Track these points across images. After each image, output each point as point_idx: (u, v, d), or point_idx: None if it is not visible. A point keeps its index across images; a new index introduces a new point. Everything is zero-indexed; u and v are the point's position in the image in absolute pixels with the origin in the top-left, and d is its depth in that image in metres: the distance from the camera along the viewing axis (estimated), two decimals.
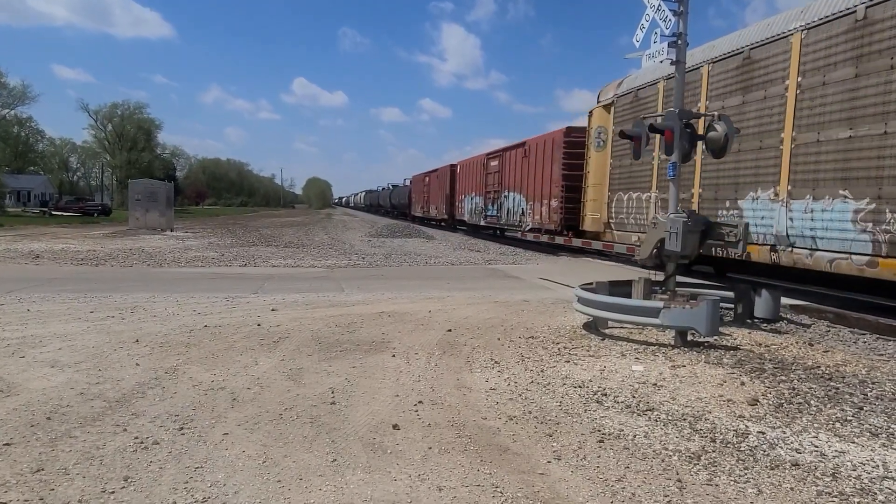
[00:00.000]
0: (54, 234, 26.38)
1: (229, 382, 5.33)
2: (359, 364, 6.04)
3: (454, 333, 7.49)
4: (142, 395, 4.91)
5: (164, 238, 25.52)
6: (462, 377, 5.69)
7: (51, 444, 3.93)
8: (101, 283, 11.40)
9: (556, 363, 6.20)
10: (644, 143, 8.17)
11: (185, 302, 9.32)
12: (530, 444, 4.15)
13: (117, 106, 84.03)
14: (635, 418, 4.68)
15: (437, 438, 4.21)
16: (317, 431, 4.29)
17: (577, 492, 3.48)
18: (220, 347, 6.53)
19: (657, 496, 3.44)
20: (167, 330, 7.31)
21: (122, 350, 6.31)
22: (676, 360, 6.28)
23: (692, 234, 7.56)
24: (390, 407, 4.83)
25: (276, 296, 10.16)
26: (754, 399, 5.09)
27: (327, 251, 20.49)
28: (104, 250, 18.59)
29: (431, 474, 3.66)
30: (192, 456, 3.81)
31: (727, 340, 7.20)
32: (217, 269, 14.46)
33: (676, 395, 5.22)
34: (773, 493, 3.51)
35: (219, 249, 20.16)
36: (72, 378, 5.32)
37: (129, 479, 3.47)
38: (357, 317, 8.41)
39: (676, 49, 7.89)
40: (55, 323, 7.55)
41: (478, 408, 4.86)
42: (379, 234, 30.30)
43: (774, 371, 5.98)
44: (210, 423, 4.38)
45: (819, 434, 4.42)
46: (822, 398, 5.20)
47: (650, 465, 3.85)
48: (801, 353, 6.80)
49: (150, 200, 30.66)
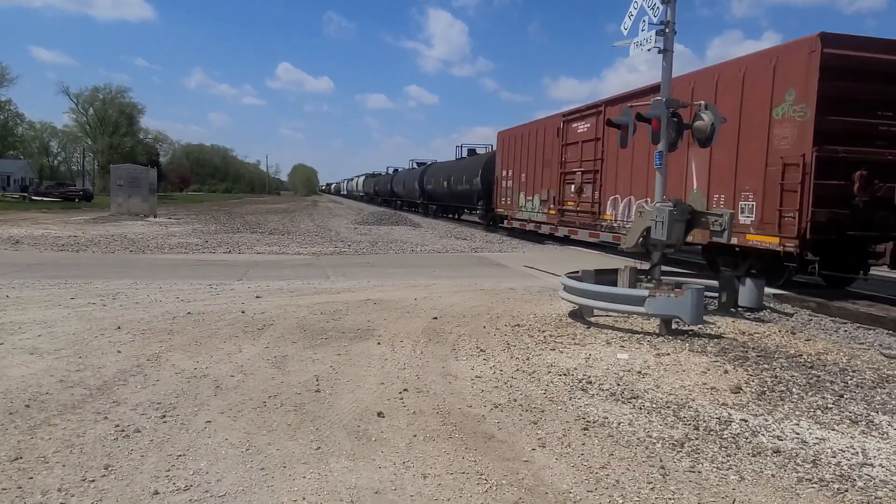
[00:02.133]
0: (34, 220, 25.97)
1: (213, 370, 5.28)
2: (344, 352, 6.01)
3: (440, 321, 7.48)
4: (123, 383, 4.85)
5: (146, 224, 25.23)
6: (447, 365, 5.69)
7: (30, 431, 3.87)
8: (83, 269, 11.24)
9: (541, 351, 6.21)
10: (631, 131, 8.16)
11: (168, 289, 9.22)
12: (515, 432, 4.16)
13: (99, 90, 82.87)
14: (620, 406, 4.70)
15: (422, 426, 4.21)
16: (301, 419, 4.26)
17: (562, 479, 3.49)
18: (203, 335, 6.47)
19: (640, 483, 3.46)
20: (149, 317, 7.22)
21: (103, 337, 6.23)
22: (661, 349, 6.32)
23: (678, 222, 7.59)
24: (375, 395, 4.82)
25: (261, 283, 10.08)
26: (737, 387, 5.14)
27: (313, 238, 20.37)
28: (86, 236, 18.33)
29: (416, 462, 3.66)
30: (174, 444, 3.77)
31: (711, 329, 7.25)
32: (201, 256, 14.31)
33: (660, 383, 5.25)
34: (754, 480, 3.54)
35: (203, 236, 19.96)
36: (52, 365, 5.24)
37: (109, 467, 3.43)
38: (342, 304, 8.37)
39: (664, 37, 7.87)
40: (35, 309, 7.43)
41: (463, 395, 4.86)
42: (365, 221, 30.20)
43: (757, 359, 6.04)
44: (193, 410, 4.33)
45: (800, 421, 4.47)
46: (803, 386, 5.26)
47: (634, 453, 3.87)
48: (783, 341, 6.87)
49: (133, 186, 30.26)
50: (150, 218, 28.75)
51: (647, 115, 7.87)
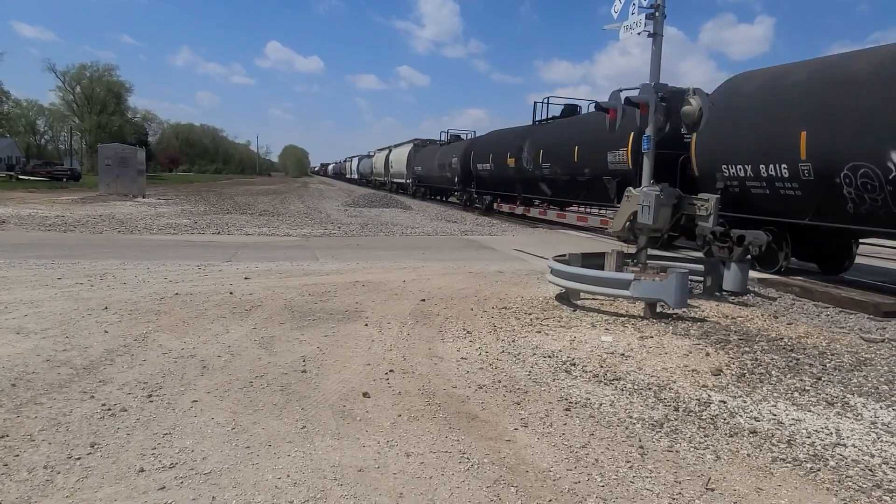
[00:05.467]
0: (21, 199, 25.72)
1: (199, 350, 5.31)
2: (331, 333, 6.05)
3: (427, 303, 7.53)
4: (110, 363, 4.87)
5: (135, 204, 25.04)
6: (434, 347, 5.74)
7: (16, 410, 3.89)
8: (70, 249, 11.18)
9: (527, 333, 6.28)
10: (620, 115, 8.18)
11: (155, 269, 9.20)
12: (498, 412, 4.22)
13: (86, 67, 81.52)
14: (602, 387, 4.78)
15: (407, 406, 4.26)
16: (287, 399, 4.30)
17: (542, 458, 3.56)
18: (190, 315, 6.49)
19: (619, 462, 3.53)
20: (137, 297, 7.22)
21: (90, 317, 6.23)
22: (645, 332, 6.40)
23: (664, 207, 7.65)
24: (361, 375, 4.86)
25: (250, 264, 10.08)
26: (718, 369, 5.23)
27: (303, 220, 20.31)
28: (73, 216, 18.19)
29: (400, 441, 3.71)
30: (160, 423, 3.80)
31: (695, 312, 7.34)
32: (190, 237, 14.26)
33: (643, 366, 5.33)
34: (730, 460, 3.63)
35: (192, 217, 19.86)
36: (38, 345, 5.25)
37: (95, 445, 3.46)
38: (331, 286, 8.39)
39: (654, 21, 7.87)
40: (21, 289, 7.41)
41: (448, 377, 4.91)
42: (355, 203, 30.12)
43: (739, 342, 6.13)
44: (179, 390, 4.37)
45: (778, 403, 4.57)
46: (782, 369, 5.35)
47: (614, 433, 3.94)
48: (765, 325, 6.97)
49: (121, 166, 29.95)
50: (138, 198, 28.52)
51: (636, 100, 7.89)
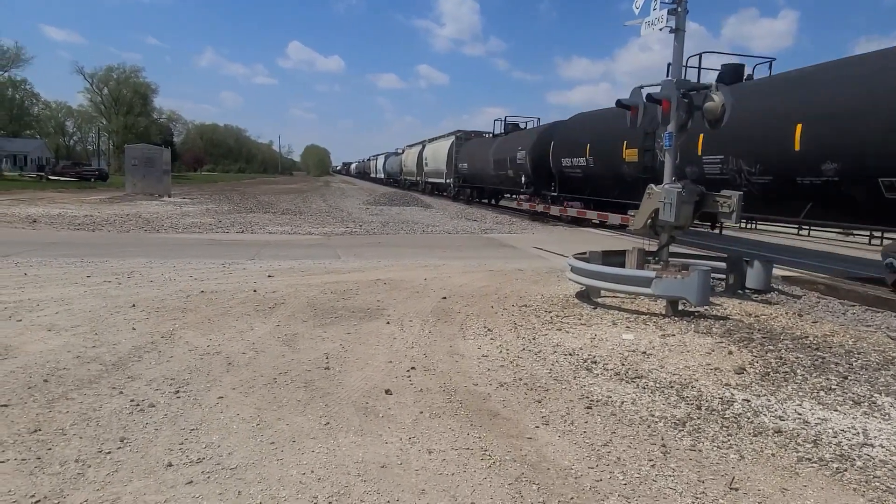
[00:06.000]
0: (51, 199, 26.27)
1: (225, 347, 5.40)
2: (353, 330, 6.11)
3: (448, 301, 7.56)
4: (138, 359, 4.98)
5: (161, 204, 25.44)
6: (455, 344, 5.77)
7: (48, 405, 4.00)
8: (98, 248, 11.42)
9: (547, 331, 6.27)
10: (641, 112, 8.12)
11: (181, 268, 9.36)
12: (519, 410, 4.24)
13: (113, 69, 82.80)
14: (623, 385, 4.76)
15: (429, 403, 4.29)
16: (311, 395, 4.36)
17: (564, 456, 3.57)
18: (216, 313, 6.59)
19: (641, 460, 3.53)
20: (164, 295, 7.36)
21: (118, 314, 6.37)
22: (666, 330, 6.36)
23: (686, 204, 7.58)
24: (383, 372, 4.91)
25: (273, 262, 10.19)
26: (741, 368, 5.18)
27: (324, 219, 20.46)
28: (101, 215, 18.54)
29: (422, 437, 3.75)
30: (187, 418, 3.88)
31: (717, 310, 7.27)
32: (214, 236, 14.46)
33: (665, 364, 5.30)
34: (754, 459, 3.60)
35: (216, 216, 20.12)
36: (69, 341, 5.38)
37: (125, 439, 3.55)
38: (353, 284, 8.46)
39: (676, 16, 7.79)
40: (52, 287, 7.59)
41: (469, 374, 4.94)
42: (377, 202, 30.26)
43: (763, 341, 6.06)
44: (205, 386, 4.45)
45: (803, 402, 4.51)
46: (808, 367, 5.29)
47: (636, 431, 3.93)
48: (790, 323, 6.88)
49: (148, 166, 30.41)
50: (164, 198, 28.96)
51: (658, 97, 7.82)
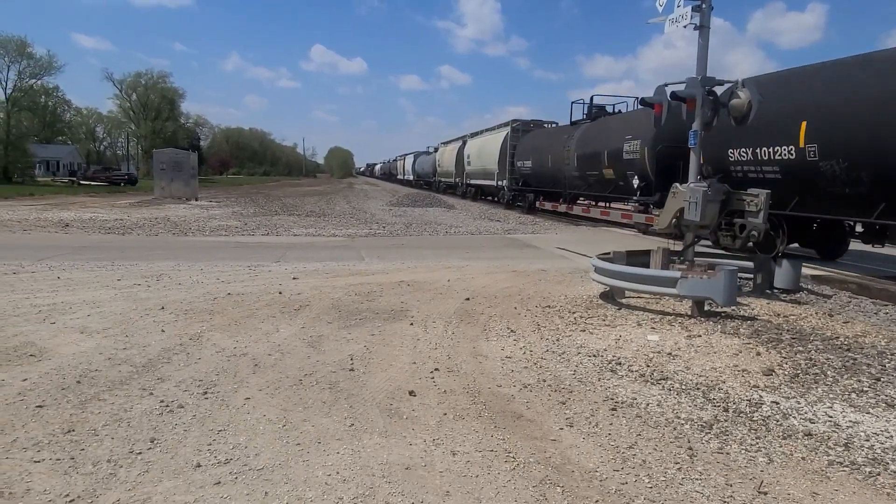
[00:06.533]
0: (83, 204, 26.85)
1: (251, 349, 5.47)
2: (377, 332, 6.15)
3: (472, 302, 7.56)
4: (167, 361, 5.07)
5: (188, 207, 25.84)
6: (478, 345, 5.77)
7: (81, 406, 4.09)
8: (128, 251, 11.64)
9: (571, 332, 6.24)
10: (665, 110, 8.03)
11: (208, 270, 9.50)
12: (543, 412, 4.22)
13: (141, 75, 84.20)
14: (649, 387, 4.72)
15: (452, 405, 4.30)
16: (335, 397, 4.40)
17: (588, 458, 3.55)
18: (242, 315, 6.68)
19: (667, 463, 3.49)
20: (192, 297, 7.48)
21: (148, 317, 6.49)
22: (692, 330, 6.28)
23: (712, 203, 7.48)
24: (407, 374, 4.93)
25: (298, 264, 10.30)
26: (770, 369, 5.09)
27: (348, 220, 20.61)
28: (131, 219, 18.91)
29: (446, 439, 3.76)
30: (215, 419, 3.95)
31: (745, 311, 7.16)
32: (240, 238, 14.65)
33: (691, 365, 5.24)
34: (783, 463, 3.54)
35: (242, 219, 20.38)
36: (100, 343, 5.50)
37: (155, 440, 3.62)
38: (376, 285, 8.51)
39: (700, 13, 7.69)
40: (84, 290, 7.76)
41: (493, 375, 4.94)
42: (400, 203, 30.38)
43: (792, 341, 5.96)
44: (232, 387, 4.52)
45: (834, 404, 4.43)
46: (839, 369, 5.18)
47: (662, 433, 3.90)
48: (820, 323, 6.75)
49: (175, 170, 30.94)
50: (191, 201, 29.41)
51: (683, 95, 7.73)
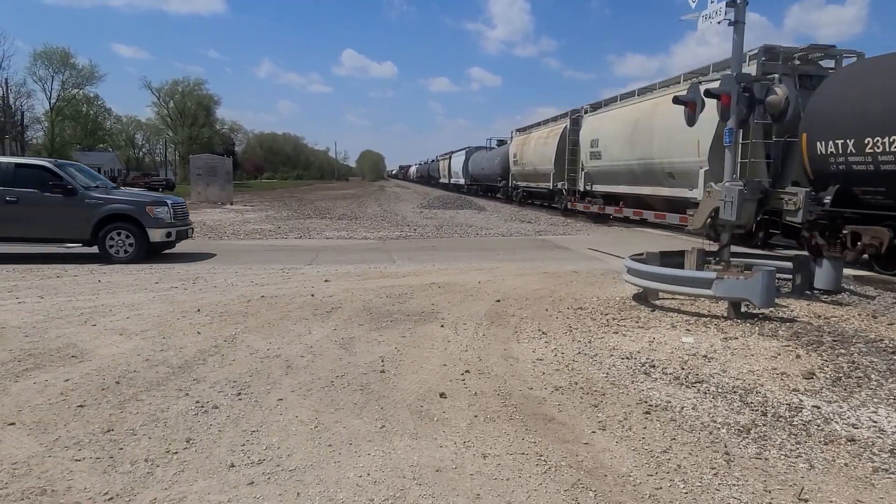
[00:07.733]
0: None
1: (284, 350, 5.54)
2: (408, 334, 6.16)
3: (502, 304, 7.53)
4: (202, 362, 5.16)
5: (224, 211, 26.33)
6: (509, 347, 5.74)
7: (120, 406, 4.19)
8: (165, 254, 11.91)
9: (604, 334, 6.17)
10: (699, 108, 7.89)
11: (243, 273, 9.66)
12: (575, 415, 4.18)
13: (178, 83, 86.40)
14: (684, 390, 4.63)
15: (483, 407, 4.28)
16: (367, 398, 4.42)
17: (622, 462, 3.49)
18: (275, 317, 6.77)
19: (703, 468, 3.42)
20: (226, 300, 7.61)
21: (184, 319, 6.62)
22: (729, 332, 6.15)
23: (748, 202, 7.31)
24: (438, 376, 4.93)
25: (330, 267, 10.40)
26: (810, 372, 4.95)
27: (379, 223, 20.74)
28: None
29: (476, 442, 3.74)
30: (248, 420, 4.00)
31: (783, 312, 6.98)
32: (273, 241, 14.87)
33: (727, 368, 5.12)
34: (825, 469, 3.43)
35: (275, 222, 20.68)
36: (138, 345, 5.63)
37: (190, 440, 3.69)
38: (407, 287, 8.54)
39: (735, 9, 7.53)
40: (123, 293, 7.96)
41: (524, 378, 4.90)
42: (430, 205, 30.47)
43: (833, 344, 5.78)
44: (266, 389, 4.58)
45: (878, 409, 4.28)
46: (883, 372, 5.01)
47: (697, 438, 3.81)
48: (863, 325, 6.54)
49: (211, 175, 31.60)
50: (227, 205, 29.97)
51: (717, 92, 7.58)
